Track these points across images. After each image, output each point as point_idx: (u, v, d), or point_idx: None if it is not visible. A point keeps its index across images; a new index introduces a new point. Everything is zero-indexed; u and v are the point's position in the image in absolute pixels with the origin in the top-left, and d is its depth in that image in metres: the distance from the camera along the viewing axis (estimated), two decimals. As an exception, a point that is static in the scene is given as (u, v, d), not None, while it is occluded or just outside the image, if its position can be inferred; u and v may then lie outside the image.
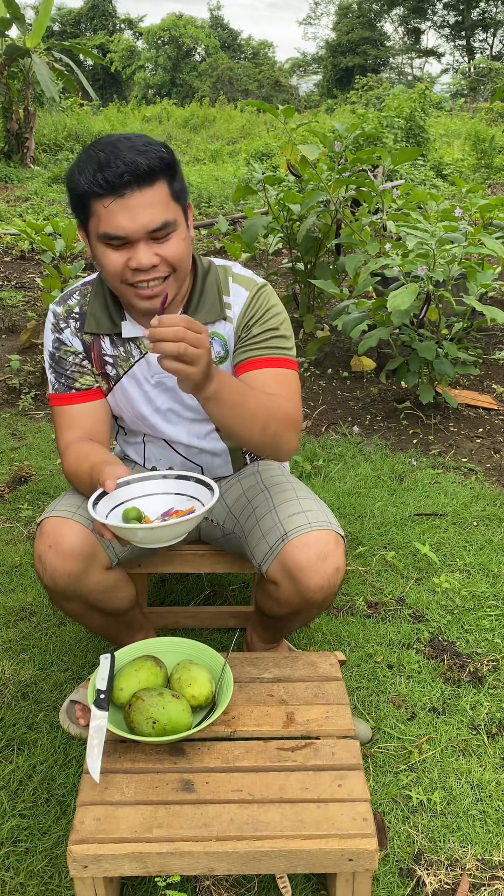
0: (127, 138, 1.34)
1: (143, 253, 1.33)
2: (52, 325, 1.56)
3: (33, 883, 1.35)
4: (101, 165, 1.29)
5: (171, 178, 1.35)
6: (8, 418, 3.38)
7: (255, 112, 18.44)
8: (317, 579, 1.41)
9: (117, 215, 1.30)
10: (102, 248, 1.35)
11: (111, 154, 1.29)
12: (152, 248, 1.34)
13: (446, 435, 3.20)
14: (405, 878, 1.37)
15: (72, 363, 1.54)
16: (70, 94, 13.73)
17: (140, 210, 1.30)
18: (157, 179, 1.31)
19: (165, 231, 1.34)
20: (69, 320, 1.54)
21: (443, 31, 42.54)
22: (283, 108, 3.80)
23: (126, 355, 1.54)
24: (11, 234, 6.84)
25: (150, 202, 1.31)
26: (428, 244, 3.02)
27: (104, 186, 1.29)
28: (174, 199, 1.36)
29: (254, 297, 1.52)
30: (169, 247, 1.35)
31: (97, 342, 1.54)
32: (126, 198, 1.29)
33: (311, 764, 1.32)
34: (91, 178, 1.29)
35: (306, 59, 48.43)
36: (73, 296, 1.56)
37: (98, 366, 1.56)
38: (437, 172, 11.56)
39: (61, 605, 1.53)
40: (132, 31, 42.69)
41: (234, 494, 1.69)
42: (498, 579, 2.24)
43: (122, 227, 1.31)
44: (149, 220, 1.31)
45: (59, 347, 1.55)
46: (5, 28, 10.24)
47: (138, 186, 1.29)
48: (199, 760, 1.32)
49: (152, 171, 1.30)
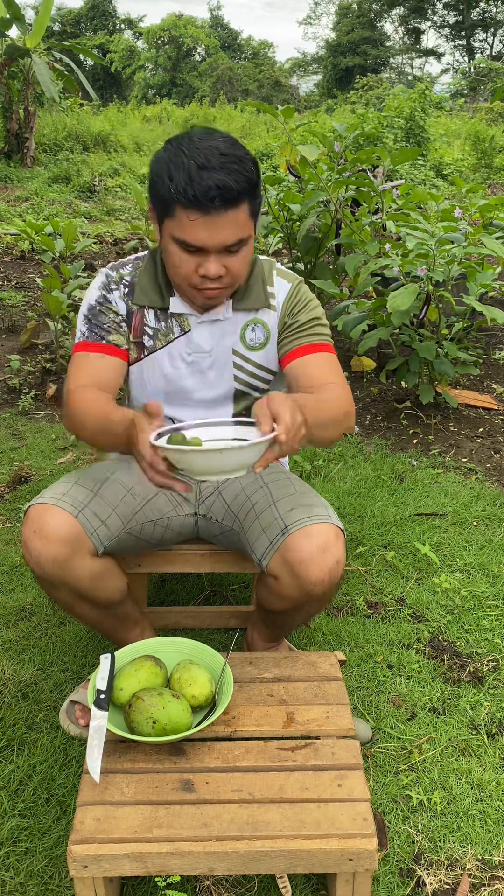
0: (216, 148, 1.36)
1: (213, 264, 1.42)
2: (102, 283, 1.61)
3: (33, 883, 1.35)
4: (192, 180, 1.33)
5: (254, 196, 1.41)
6: (8, 418, 3.38)
7: (255, 112, 18.44)
8: (317, 572, 1.42)
9: (199, 230, 1.37)
10: (175, 248, 1.42)
11: (203, 168, 1.33)
12: (222, 259, 1.42)
13: (446, 435, 3.21)
14: (405, 878, 1.37)
15: (111, 320, 1.60)
16: (70, 94, 13.73)
17: (221, 228, 1.38)
18: (242, 201, 1.38)
19: (238, 246, 1.42)
20: (120, 285, 1.60)
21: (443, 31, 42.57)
22: (283, 108, 3.80)
23: (167, 330, 1.60)
24: (11, 234, 6.84)
25: (232, 221, 1.38)
26: (428, 244, 3.02)
27: (192, 202, 1.34)
28: (251, 215, 1.43)
29: (295, 289, 1.63)
30: (237, 260, 1.44)
31: (141, 313, 1.60)
32: (211, 216, 1.36)
33: (311, 764, 1.32)
34: (181, 189, 1.34)
35: (306, 59, 48.45)
36: (127, 266, 1.62)
37: (136, 333, 1.61)
38: (437, 172, 11.56)
39: (51, 594, 1.54)
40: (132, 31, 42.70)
41: (233, 491, 1.69)
42: (498, 579, 2.24)
43: (203, 240, 1.38)
44: (227, 238, 1.39)
45: (103, 303, 1.60)
46: (5, 28, 10.24)
47: (224, 208, 1.35)
48: (199, 760, 1.32)
49: (241, 193, 1.36)
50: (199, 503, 1.75)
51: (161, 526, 1.72)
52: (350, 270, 3.41)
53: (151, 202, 1.44)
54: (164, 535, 1.74)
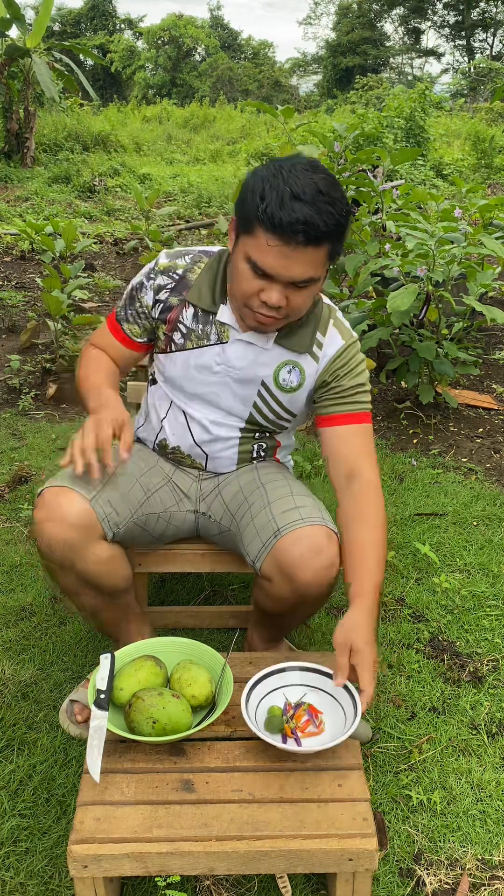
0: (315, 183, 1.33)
1: (276, 294, 1.39)
2: (149, 269, 1.62)
3: (33, 883, 1.35)
4: (283, 206, 1.30)
5: (338, 240, 1.39)
6: (8, 418, 3.38)
7: (255, 112, 18.44)
8: (309, 575, 1.42)
9: (274, 257, 1.35)
10: (245, 266, 1.40)
11: (297, 198, 1.31)
12: (286, 291, 1.40)
13: (446, 435, 3.21)
14: (405, 878, 1.37)
15: (136, 309, 1.63)
16: (70, 94, 13.72)
17: (296, 263, 1.35)
18: (324, 241, 1.35)
19: (307, 284, 1.40)
20: (163, 276, 1.60)
21: (443, 31, 42.55)
22: (283, 108, 3.80)
23: (203, 334, 1.58)
24: (11, 234, 6.84)
25: (309, 260, 1.36)
26: (428, 244, 3.02)
27: (276, 228, 1.32)
28: (329, 258, 1.40)
29: (348, 348, 1.59)
30: (300, 297, 1.42)
31: (180, 309, 1.59)
32: (290, 247, 1.33)
33: (311, 764, 1.32)
34: (268, 214, 1.31)
35: (306, 59, 48.42)
36: (185, 257, 1.60)
37: (170, 327, 1.60)
38: (436, 172, 11.56)
39: (57, 579, 1.53)
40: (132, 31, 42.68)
41: (231, 490, 1.69)
42: (498, 579, 2.24)
43: (274, 269, 1.36)
44: (299, 273, 1.37)
45: (139, 291, 1.62)
46: (5, 28, 10.23)
47: (305, 243, 1.33)
48: (199, 760, 1.32)
49: (326, 234, 1.33)
50: (199, 500, 1.75)
51: (164, 520, 1.72)
52: (350, 270, 3.41)
53: (236, 214, 1.42)
54: (165, 530, 1.74)
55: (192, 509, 1.75)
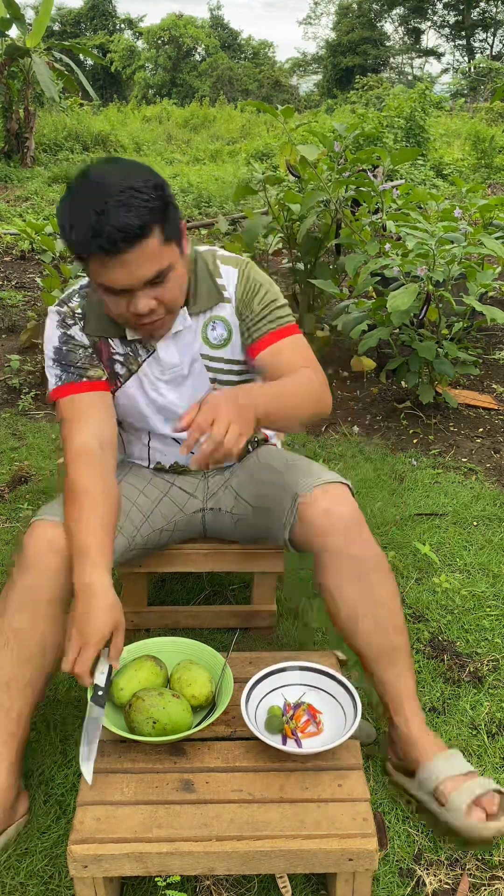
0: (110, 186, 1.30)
1: (141, 301, 1.39)
2: (57, 322, 1.56)
3: (33, 883, 1.35)
4: (94, 229, 1.29)
5: (164, 221, 1.36)
6: (8, 418, 3.38)
7: (255, 112, 18.44)
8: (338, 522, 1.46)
9: (114, 271, 1.34)
10: (102, 291, 1.40)
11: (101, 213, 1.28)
12: (150, 292, 1.39)
13: (446, 435, 3.21)
14: (405, 878, 1.37)
15: (82, 356, 1.55)
16: (70, 94, 13.73)
17: (135, 265, 1.34)
18: (148, 233, 1.32)
19: (161, 277, 1.38)
20: (74, 318, 1.55)
21: (443, 31, 42.55)
22: (283, 108, 3.79)
23: (134, 354, 1.57)
24: (11, 234, 6.84)
25: (144, 256, 1.34)
26: (428, 244, 3.02)
27: (99, 251, 1.31)
28: (167, 241, 1.37)
29: (243, 273, 1.59)
30: (166, 290, 1.41)
31: (105, 342, 1.56)
32: (121, 256, 1.32)
33: (311, 764, 1.32)
34: (84, 240, 1.31)
35: (306, 59, 48.42)
36: (73, 299, 1.57)
37: (106, 366, 1.57)
38: (437, 172, 11.56)
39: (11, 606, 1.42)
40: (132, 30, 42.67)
41: (238, 479, 1.71)
42: (498, 579, 2.24)
43: (119, 281, 1.35)
44: (144, 273, 1.35)
45: (68, 342, 1.55)
46: (5, 28, 10.23)
47: (131, 245, 1.31)
48: (199, 760, 1.32)
49: (144, 227, 1.31)
50: (208, 497, 1.75)
51: (168, 531, 1.72)
52: (350, 270, 3.41)
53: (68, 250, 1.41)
54: (170, 538, 1.75)
55: (200, 508, 1.75)
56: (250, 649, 1.93)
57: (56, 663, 1.45)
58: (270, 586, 1.92)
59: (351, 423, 3.35)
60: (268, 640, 1.97)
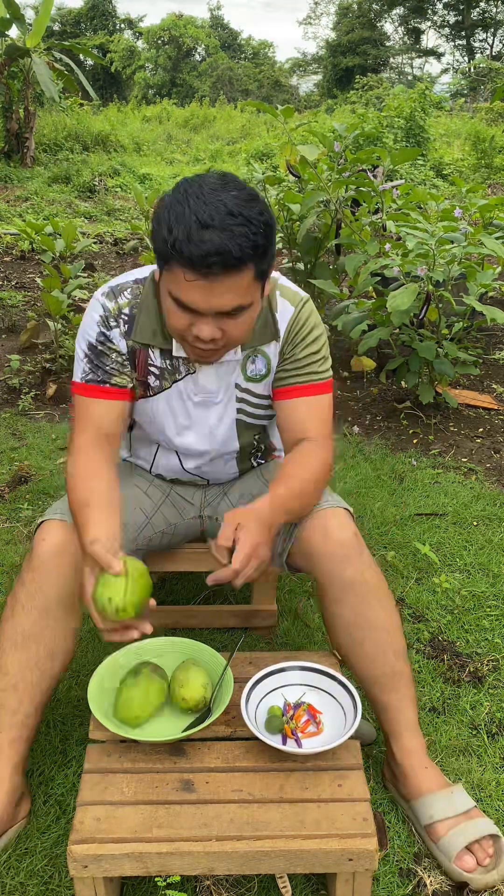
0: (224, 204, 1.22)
1: (207, 327, 1.30)
2: (100, 318, 1.46)
3: (33, 883, 1.35)
4: (191, 239, 1.21)
5: (262, 258, 1.27)
6: (8, 418, 3.38)
7: (255, 112, 18.44)
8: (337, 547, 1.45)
9: (194, 292, 1.26)
10: (170, 302, 1.31)
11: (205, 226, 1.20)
12: (220, 322, 1.31)
13: (446, 435, 3.21)
14: (405, 878, 1.37)
15: (114, 360, 1.47)
16: (70, 94, 13.72)
17: (219, 294, 1.26)
18: (244, 266, 1.24)
19: (237, 312, 1.30)
20: (119, 320, 1.46)
21: (443, 31, 42.53)
22: (283, 108, 3.79)
23: (173, 370, 1.50)
24: (11, 234, 6.84)
25: (231, 287, 1.26)
26: (428, 244, 3.02)
27: (189, 264, 1.22)
28: (257, 278, 1.30)
29: (298, 314, 1.50)
30: (235, 325, 1.32)
31: (145, 351, 1.48)
32: (209, 281, 1.24)
33: (311, 764, 1.32)
34: (177, 248, 1.22)
35: (306, 59, 48.42)
36: (125, 293, 1.47)
37: (141, 373, 1.50)
38: (437, 172, 11.56)
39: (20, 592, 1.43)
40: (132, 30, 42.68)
41: (237, 492, 1.71)
42: (498, 579, 2.24)
43: (196, 303, 1.27)
44: (224, 304, 1.27)
45: (105, 343, 1.47)
46: (5, 28, 10.23)
47: (223, 272, 1.23)
48: (199, 760, 1.32)
49: (242, 259, 1.23)
50: (204, 506, 1.75)
51: (168, 534, 1.73)
52: (350, 270, 3.41)
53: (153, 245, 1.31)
54: (170, 542, 1.76)
55: (198, 515, 1.75)
56: (250, 649, 1.93)
57: (65, 666, 1.45)
58: (271, 585, 1.92)
59: (351, 423, 3.35)
60: (268, 640, 1.97)
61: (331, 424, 1.55)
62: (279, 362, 1.52)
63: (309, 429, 1.51)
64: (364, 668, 1.47)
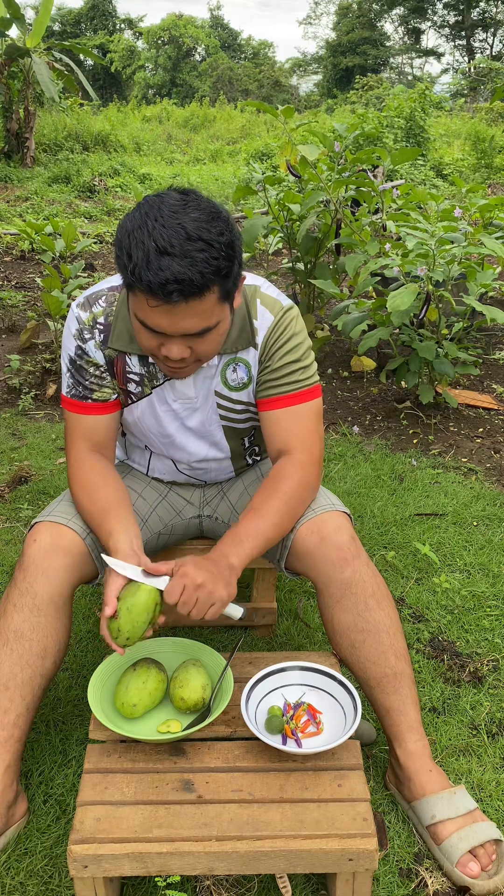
0: (183, 228, 1.19)
1: (176, 347, 1.29)
2: (75, 332, 1.47)
3: (33, 883, 1.35)
4: (150, 266, 1.18)
5: (225, 279, 1.25)
6: (8, 418, 3.38)
7: (255, 112, 18.44)
8: (334, 550, 1.45)
9: (158, 316, 1.24)
10: (137, 322, 1.30)
11: (164, 252, 1.18)
12: (188, 341, 1.30)
13: (446, 435, 3.20)
14: (405, 878, 1.37)
15: (91, 374, 1.48)
16: (70, 94, 13.72)
17: (181, 318, 1.24)
18: (206, 292, 1.22)
19: (204, 333, 1.29)
20: (94, 331, 1.46)
21: (443, 31, 42.52)
22: (283, 108, 3.79)
23: (151, 376, 1.50)
24: (11, 234, 6.84)
25: (196, 312, 1.24)
26: (428, 244, 3.02)
27: (150, 291, 1.21)
28: (222, 299, 1.28)
29: (278, 322, 1.48)
30: (204, 343, 1.31)
31: (122, 358, 1.48)
32: (172, 306, 1.22)
33: (311, 764, 1.32)
34: (137, 275, 1.20)
35: (306, 59, 48.42)
36: (99, 302, 1.47)
37: (121, 381, 1.51)
38: (437, 172, 11.56)
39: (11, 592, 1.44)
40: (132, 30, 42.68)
41: (237, 491, 1.70)
42: (498, 579, 2.24)
43: (161, 326, 1.26)
44: (189, 328, 1.26)
45: (82, 356, 1.48)
46: (5, 28, 10.22)
47: (185, 300, 1.21)
48: (199, 760, 1.32)
49: (204, 286, 1.21)
50: (203, 505, 1.75)
51: (165, 534, 1.73)
52: (350, 270, 3.41)
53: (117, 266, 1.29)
54: (168, 542, 1.76)
55: (196, 514, 1.75)
56: (250, 649, 1.93)
57: (57, 665, 1.45)
58: (271, 583, 1.92)
59: (351, 422, 3.35)
60: (267, 640, 1.97)
61: (316, 432, 1.51)
62: (259, 371, 1.50)
63: (290, 440, 1.49)
64: (365, 671, 1.47)
